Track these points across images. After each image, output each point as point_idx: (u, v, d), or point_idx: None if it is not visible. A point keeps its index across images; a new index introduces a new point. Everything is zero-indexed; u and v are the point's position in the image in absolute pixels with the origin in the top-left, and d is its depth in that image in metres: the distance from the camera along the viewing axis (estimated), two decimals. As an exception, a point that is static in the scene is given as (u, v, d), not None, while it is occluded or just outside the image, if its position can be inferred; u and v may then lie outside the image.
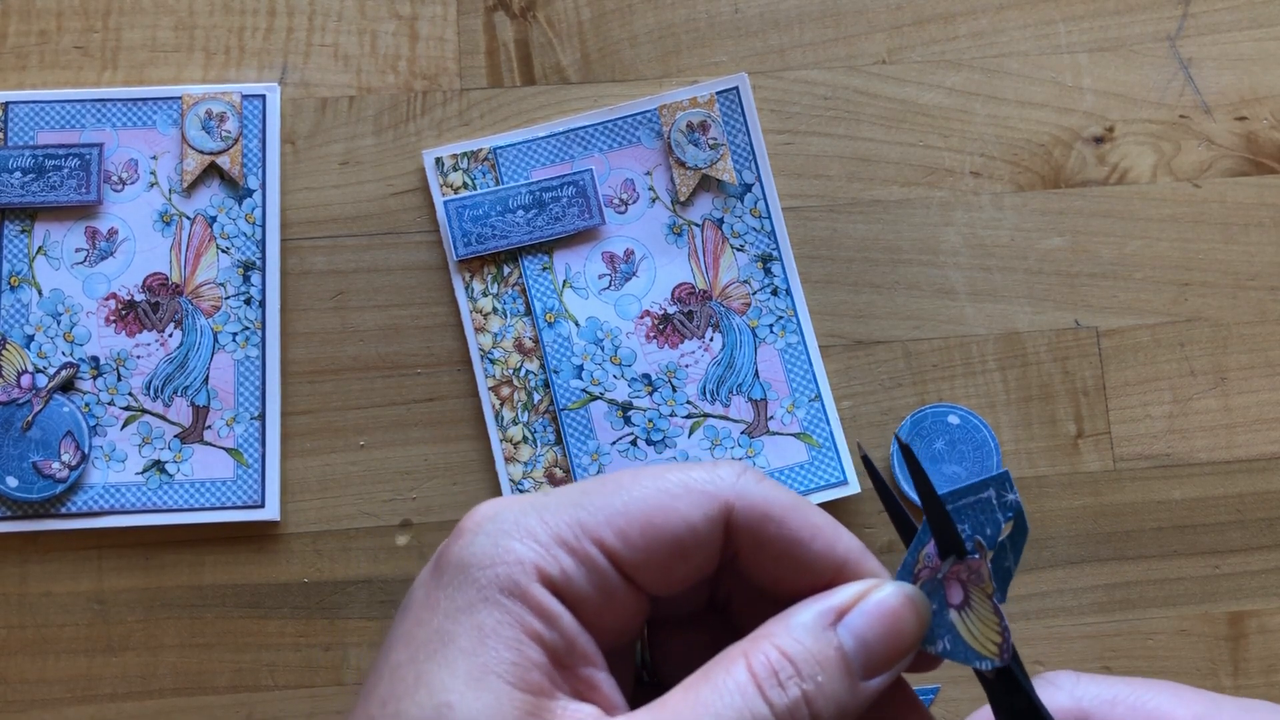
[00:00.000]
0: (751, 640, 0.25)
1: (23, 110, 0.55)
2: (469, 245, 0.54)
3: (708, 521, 0.26)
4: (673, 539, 0.26)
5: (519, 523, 0.25)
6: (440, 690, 0.23)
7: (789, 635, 0.25)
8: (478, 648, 0.24)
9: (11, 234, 0.54)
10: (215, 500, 0.53)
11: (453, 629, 0.24)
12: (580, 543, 0.25)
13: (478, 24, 0.57)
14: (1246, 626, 0.53)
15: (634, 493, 0.26)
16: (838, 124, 0.56)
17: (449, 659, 0.24)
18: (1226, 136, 0.57)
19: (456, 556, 0.25)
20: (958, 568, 0.27)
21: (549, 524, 0.25)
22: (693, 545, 0.26)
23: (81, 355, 0.53)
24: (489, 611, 0.24)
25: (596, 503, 0.26)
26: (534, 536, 0.25)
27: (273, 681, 0.52)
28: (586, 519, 0.26)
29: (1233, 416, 0.55)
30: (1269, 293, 0.56)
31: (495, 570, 0.25)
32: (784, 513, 0.27)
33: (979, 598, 0.27)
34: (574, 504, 0.26)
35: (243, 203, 0.55)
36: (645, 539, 0.26)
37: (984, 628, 0.26)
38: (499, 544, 0.25)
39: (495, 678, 0.23)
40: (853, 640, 0.25)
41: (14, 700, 0.52)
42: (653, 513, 0.26)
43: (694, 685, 0.24)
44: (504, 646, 0.24)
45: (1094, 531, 0.54)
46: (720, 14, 0.57)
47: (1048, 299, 0.55)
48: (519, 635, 0.24)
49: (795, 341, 0.55)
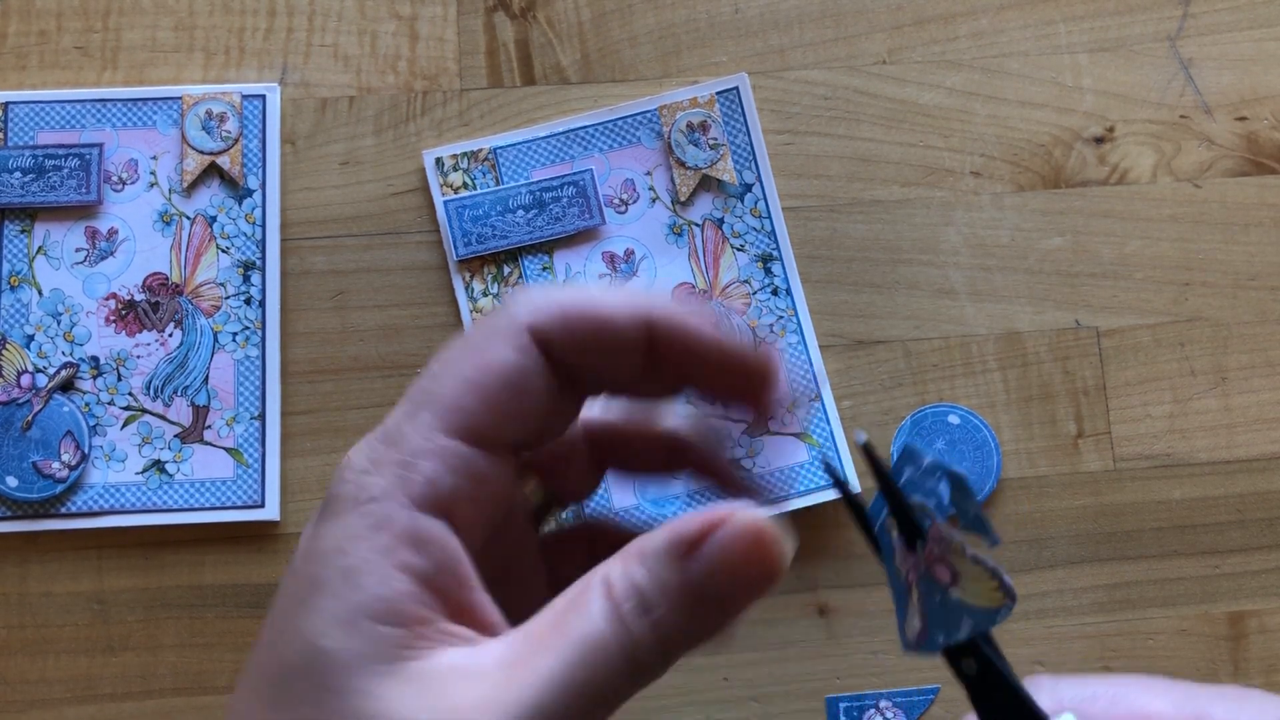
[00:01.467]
0: (603, 566, 0.25)
1: (23, 110, 0.55)
2: (469, 245, 0.54)
3: (521, 353, 0.26)
4: (503, 384, 0.26)
5: (371, 458, 0.26)
6: (314, 636, 0.24)
7: (639, 564, 0.25)
8: (345, 588, 0.24)
9: (11, 234, 0.54)
10: (215, 500, 0.53)
11: (322, 574, 0.24)
12: (432, 441, 0.25)
13: (478, 24, 0.57)
14: (1246, 626, 0.53)
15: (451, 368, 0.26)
16: (838, 124, 0.56)
17: (319, 605, 0.24)
18: (1227, 136, 0.57)
19: (326, 501, 0.26)
20: (929, 548, 0.27)
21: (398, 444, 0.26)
22: (522, 381, 0.26)
23: (81, 355, 0.53)
24: (355, 551, 0.24)
25: (426, 398, 0.26)
26: (389, 460, 0.25)
27: (273, 681, 0.52)
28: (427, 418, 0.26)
29: (1233, 416, 0.55)
30: (1269, 293, 0.56)
31: (357, 509, 0.25)
32: (577, 303, 0.27)
33: (959, 561, 0.26)
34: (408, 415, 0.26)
35: (243, 203, 0.55)
36: (483, 399, 0.26)
37: (980, 584, 0.26)
38: (359, 485, 0.25)
39: (364, 618, 0.24)
40: (702, 573, 0.24)
41: (14, 700, 0.52)
42: (474, 373, 0.26)
43: (560, 614, 0.24)
44: (371, 582, 0.24)
45: (1094, 531, 0.54)
46: (720, 14, 0.57)
47: (1048, 299, 0.55)
48: (385, 568, 0.24)
49: (795, 341, 0.55)
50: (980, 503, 0.27)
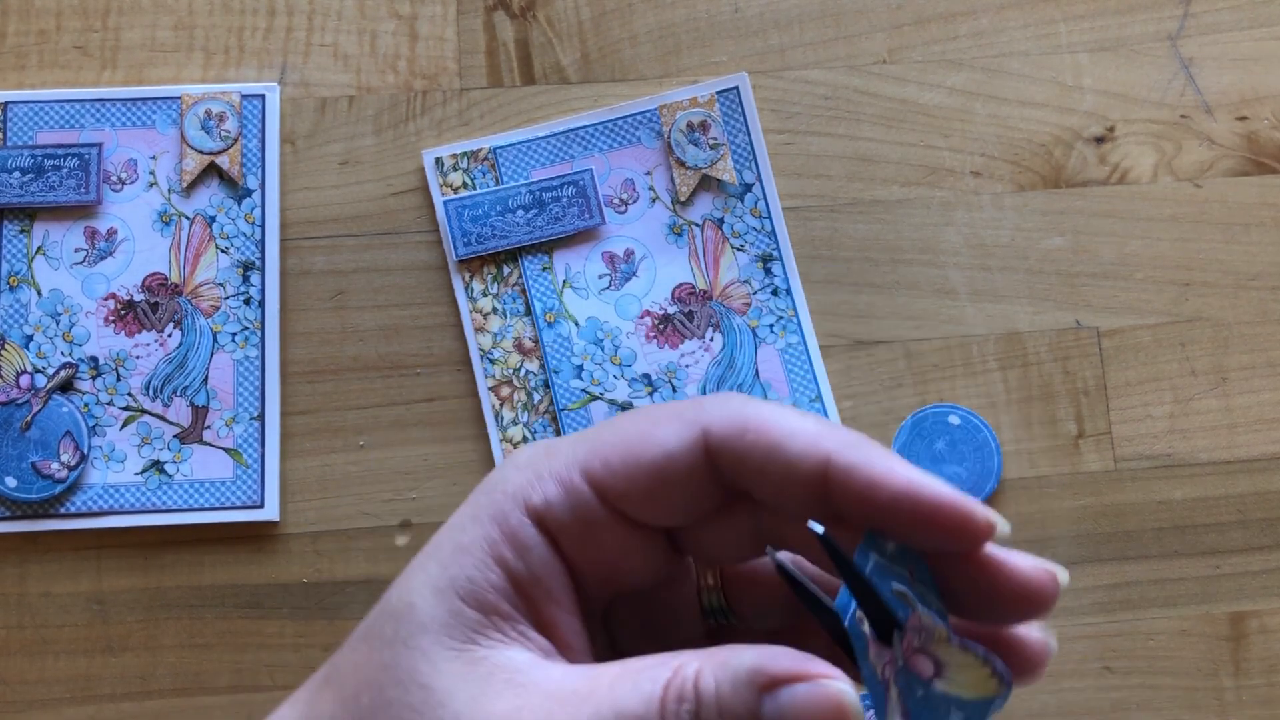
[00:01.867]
0: (696, 654, 0.25)
1: (22, 110, 0.55)
2: (469, 245, 0.54)
3: (684, 446, 0.26)
4: (651, 465, 0.26)
5: (531, 457, 0.27)
6: (412, 590, 0.26)
7: (713, 673, 0.25)
8: (450, 561, 0.26)
9: (11, 234, 0.54)
10: (215, 500, 0.53)
11: (444, 541, 0.27)
12: (569, 474, 0.27)
13: (478, 24, 0.57)
14: (1247, 627, 0.53)
15: (623, 425, 0.27)
16: (838, 124, 0.56)
17: (427, 566, 0.26)
18: (1227, 136, 0.57)
19: (481, 481, 0.28)
20: (907, 639, 0.25)
21: (552, 458, 0.27)
22: (672, 471, 0.26)
23: (81, 355, 0.53)
24: (471, 530, 0.26)
25: (594, 435, 0.27)
26: (534, 468, 0.27)
27: (272, 682, 0.52)
28: (582, 452, 0.27)
29: (1234, 417, 0.55)
30: (1270, 293, 0.56)
31: (491, 495, 0.27)
32: (761, 421, 0.26)
33: (944, 650, 0.25)
34: (577, 440, 0.28)
35: (242, 203, 0.55)
36: (626, 467, 0.27)
37: (971, 673, 0.25)
38: (505, 474, 0.27)
39: (453, 592, 0.26)
40: (774, 716, 0.24)
41: (14, 700, 0.52)
42: (633, 441, 0.27)
43: (623, 675, 0.25)
44: (470, 564, 0.26)
45: (1094, 532, 0.54)
46: (720, 14, 0.57)
47: (1048, 299, 0.55)
48: (485, 557, 0.26)
49: (795, 341, 0.55)
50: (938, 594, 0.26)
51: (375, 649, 0.26)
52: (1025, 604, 0.26)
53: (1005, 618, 0.26)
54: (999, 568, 0.26)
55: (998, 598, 0.26)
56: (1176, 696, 0.53)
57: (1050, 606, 0.26)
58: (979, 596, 0.26)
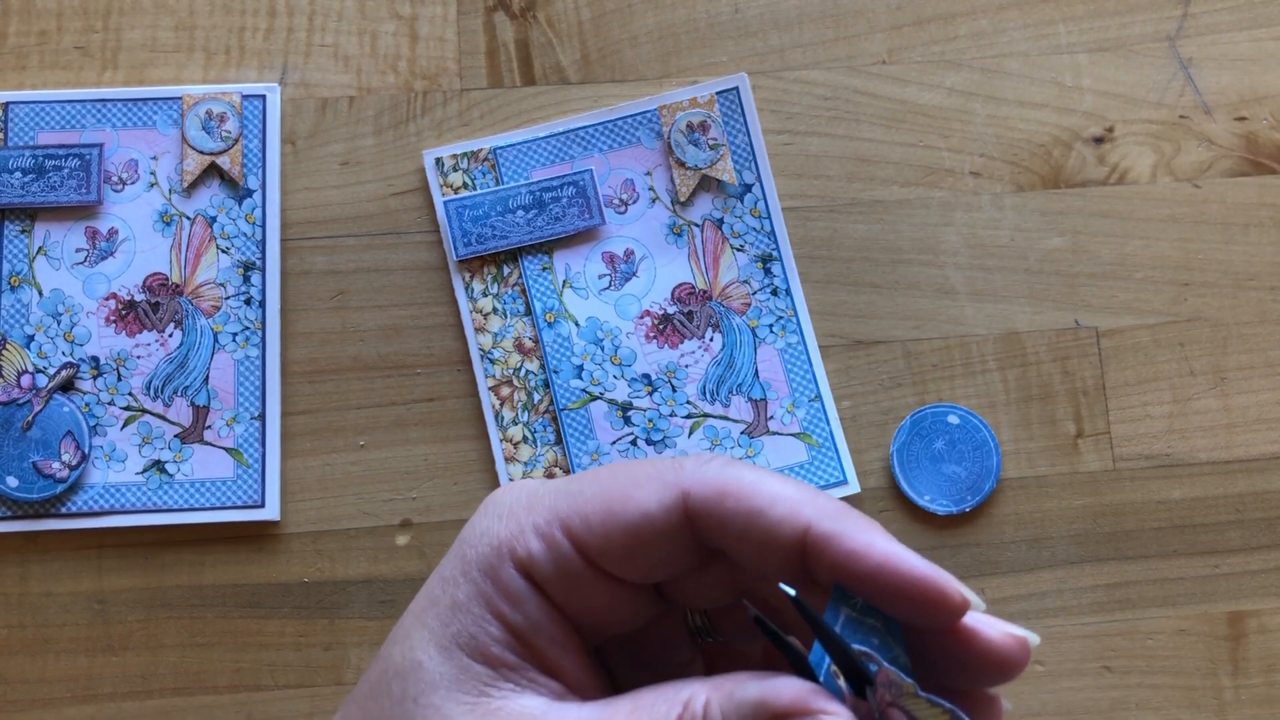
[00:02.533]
0: (703, 684, 0.26)
1: (23, 110, 0.55)
2: (469, 245, 0.54)
3: (663, 509, 0.26)
4: (629, 526, 0.27)
5: (511, 506, 0.28)
6: (416, 648, 0.26)
7: (720, 706, 0.25)
8: (450, 618, 0.26)
9: (11, 234, 0.54)
10: (215, 500, 0.53)
11: (439, 596, 0.27)
12: (550, 528, 0.27)
13: (478, 24, 0.57)
14: (1246, 626, 0.53)
15: (605, 482, 0.27)
16: (838, 124, 0.56)
17: (428, 622, 0.26)
18: (1226, 137, 0.57)
19: (463, 531, 0.28)
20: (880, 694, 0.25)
21: (533, 510, 0.27)
22: (650, 533, 0.27)
23: (81, 355, 0.53)
24: (465, 585, 0.27)
25: (576, 489, 0.27)
26: (516, 520, 0.27)
27: (273, 681, 0.52)
28: (563, 506, 0.27)
29: (1232, 416, 0.55)
30: (1269, 293, 0.56)
31: (478, 548, 0.27)
32: (741, 487, 0.26)
33: (913, 704, 0.25)
34: (558, 491, 0.28)
35: (243, 203, 0.55)
36: (605, 526, 0.27)
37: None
38: (489, 524, 0.27)
39: (458, 649, 0.26)
40: None
41: (14, 700, 0.52)
42: (614, 501, 0.27)
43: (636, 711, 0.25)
44: (470, 621, 0.26)
45: (1094, 531, 0.54)
46: (720, 14, 0.57)
47: (1048, 299, 0.55)
48: (484, 612, 0.26)
49: (795, 341, 0.55)
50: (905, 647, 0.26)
51: (385, 708, 0.26)
52: (995, 671, 0.26)
53: (975, 682, 0.26)
54: (971, 636, 0.26)
55: (968, 664, 0.26)
56: (1175, 696, 0.53)
57: (1018, 672, 0.26)
58: (949, 662, 0.26)
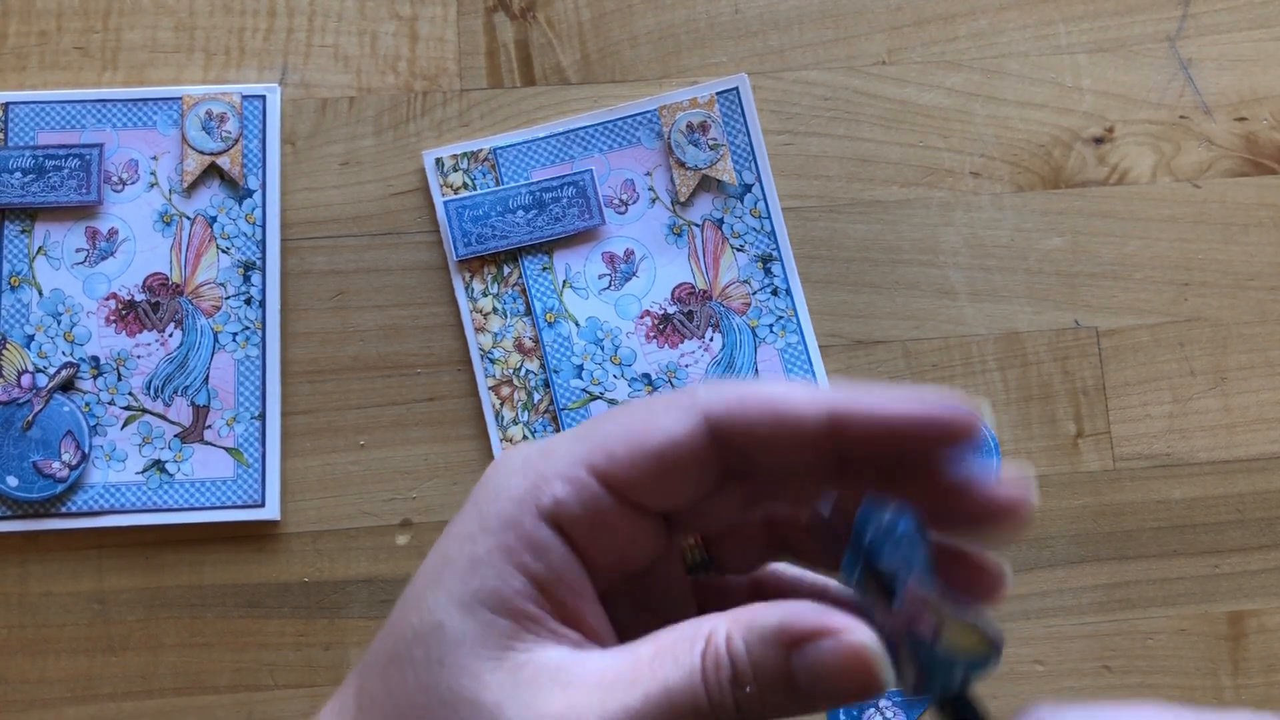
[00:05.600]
0: (721, 618, 0.26)
1: (23, 111, 0.55)
2: (469, 245, 0.54)
3: (686, 430, 0.27)
4: (656, 450, 0.27)
5: (525, 461, 0.28)
6: (436, 609, 0.26)
7: (742, 636, 0.26)
8: (469, 575, 0.26)
9: (12, 234, 0.54)
10: (215, 500, 0.53)
11: (454, 555, 0.27)
12: (574, 470, 0.27)
13: (478, 24, 0.57)
14: (1246, 626, 0.53)
15: (622, 418, 0.28)
16: (838, 124, 0.56)
17: (445, 582, 0.27)
18: (1226, 137, 0.57)
19: (472, 492, 0.28)
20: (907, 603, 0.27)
21: (551, 458, 0.28)
22: (675, 454, 0.27)
23: (82, 355, 0.53)
24: (483, 540, 0.27)
25: (590, 433, 0.28)
26: (535, 470, 0.28)
27: (273, 681, 0.52)
28: (581, 450, 0.28)
29: (1232, 416, 0.55)
30: (1269, 293, 0.56)
31: (496, 504, 0.27)
32: (757, 393, 0.28)
33: (939, 614, 0.27)
34: (574, 438, 0.28)
35: (243, 203, 0.55)
36: (631, 456, 0.27)
37: (964, 635, 0.26)
38: (504, 479, 0.28)
39: (480, 605, 0.26)
40: (804, 672, 0.26)
41: (14, 700, 0.52)
42: (635, 430, 0.28)
43: (660, 651, 0.26)
44: (491, 575, 0.26)
45: (1094, 531, 0.54)
46: (720, 14, 0.57)
47: (1048, 299, 0.55)
48: (505, 565, 0.26)
49: (795, 341, 0.55)
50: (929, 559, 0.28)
51: (409, 673, 0.26)
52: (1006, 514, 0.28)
53: (992, 532, 0.28)
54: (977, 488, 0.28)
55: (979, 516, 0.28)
56: (1175, 695, 0.53)
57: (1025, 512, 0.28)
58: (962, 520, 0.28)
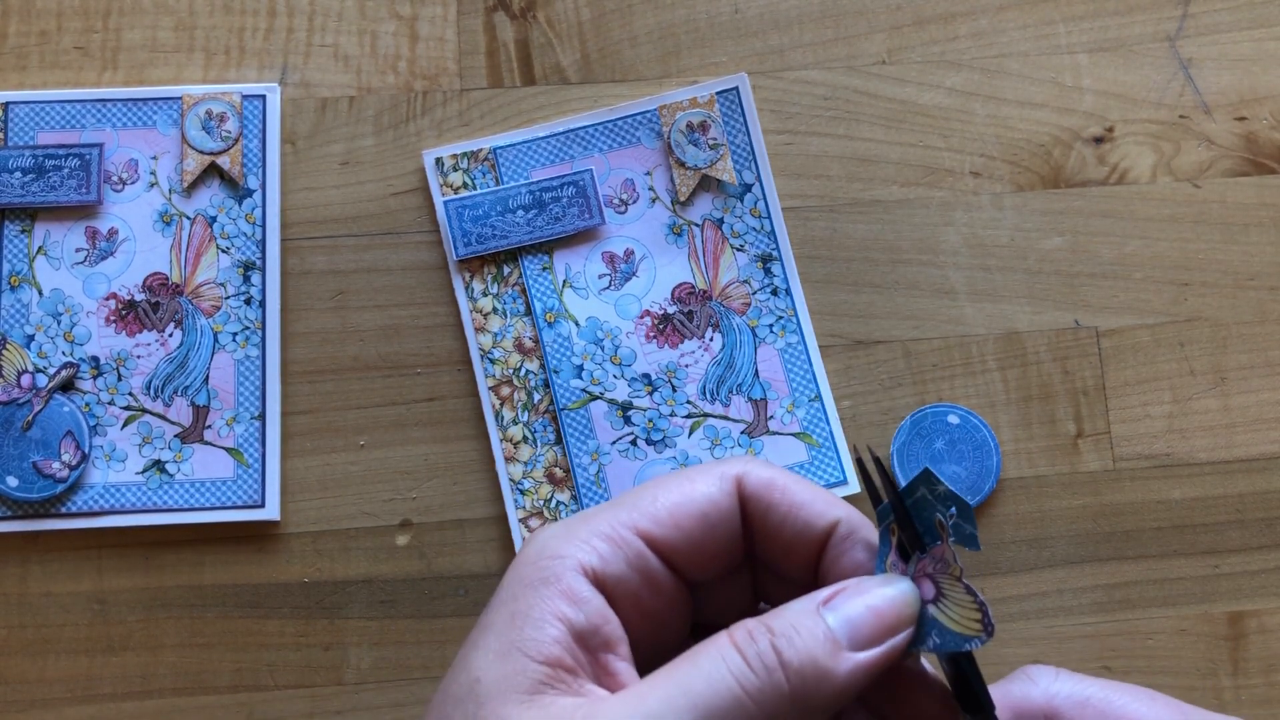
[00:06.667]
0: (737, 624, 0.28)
1: (23, 110, 0.55)
2: (469, 245, 0.54)
3: (724, 492, 0.30)
4: (698, 512, 0.30)
5: (566, 526, 0.30)
6: (474, 668, 0.27)
7: (774, 615, 0.28)
8: (508, 629, 0.28)
9: (11, 234, 0.54)
10: (215, 500, 0.53)
11: (494, 618, 0.28)
12: (616, 530, 0.29)
13: (478, 24, 0.57)
14: (1246, 626, 0.53)
15: (660, 486, 0.30)
16: (838, 124, 0.56)
17: (484, 642, 0.28)
18: (1226, 137, 0.57)
19: (511, 568, 0.30)
20: (923, 563, 0.29)
21: (592, 523, 0.29)
22: (715, 516, 0.30)
23: (81, 355, 0.53)
24: (524, 598, 0.28)
25: (628, 502, 0.30)
26: (575, 535, 0.29)
27: (273, 681, 0.52)
28: (623, 514, 0.29)
29: (1232, 416, 0.55)
30: (1269, 293, 0.56)
31: (538, 564, 0.29)
32: (786, 480, 0.30)
33: (950, 584, 0.28)
34: (613, 505, 0.30)
35: (243, 203, 0.55)
36: (673, 517, 0.29)
37: (963, 611, 0.28)
38: (545, 544, 0.29)
39: (517, 651, 0.27)
40: (837, 617, 0.27)
41: (14, 700, 0.52)
42: (675, 494, 0.30)
43: (675, 664, 0.27)
44: (530, 626, 0.28)
45: (1093, 531, 0.54)
46: (720, 14, 0.57)
47: (1048, 299, 0.55)
48: (545, 615, 0.28)
49: (795, 341, 0.55)
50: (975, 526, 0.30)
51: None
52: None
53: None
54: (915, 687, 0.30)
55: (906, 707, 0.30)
56: (1175, 696, 0.53)
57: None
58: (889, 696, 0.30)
